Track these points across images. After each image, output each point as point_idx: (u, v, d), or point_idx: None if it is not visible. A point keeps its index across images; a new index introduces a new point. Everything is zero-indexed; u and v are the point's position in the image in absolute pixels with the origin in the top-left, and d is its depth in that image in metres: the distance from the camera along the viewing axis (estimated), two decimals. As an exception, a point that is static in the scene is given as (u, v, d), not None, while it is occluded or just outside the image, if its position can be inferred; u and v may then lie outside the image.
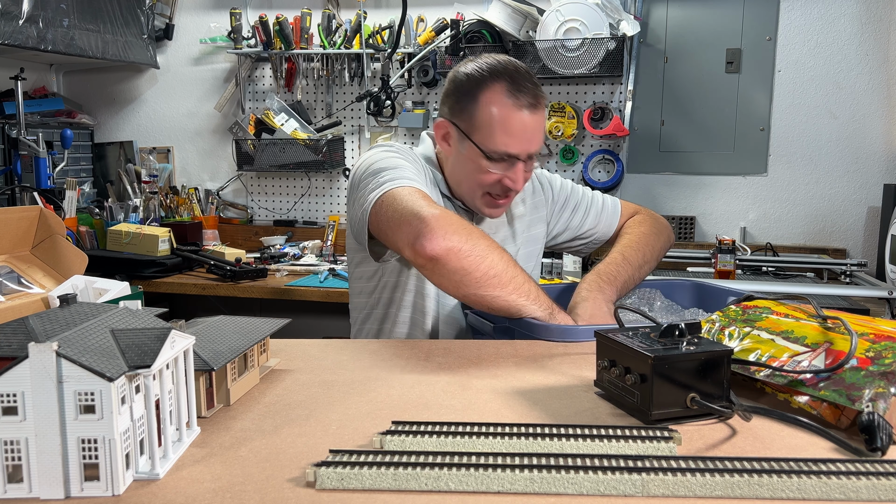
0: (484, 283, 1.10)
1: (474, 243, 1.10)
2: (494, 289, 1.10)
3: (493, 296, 1.11)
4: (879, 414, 0.65)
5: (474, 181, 1.33)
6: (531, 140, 1.30)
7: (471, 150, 1.31)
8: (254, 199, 3.18)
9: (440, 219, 1.10)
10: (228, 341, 0.79)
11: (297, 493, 0.57)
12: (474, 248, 1.09)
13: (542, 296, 1.15)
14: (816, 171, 2.64)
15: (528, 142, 1.30)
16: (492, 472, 0.57)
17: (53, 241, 1.40)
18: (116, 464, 0.55)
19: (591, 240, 1.60)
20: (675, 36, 2.70)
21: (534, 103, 1.29)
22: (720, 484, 0.57)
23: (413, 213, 1.12)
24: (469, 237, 1.10)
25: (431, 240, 1.07)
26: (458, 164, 1.35)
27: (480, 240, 1.11)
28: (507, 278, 1.11)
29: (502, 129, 1.27)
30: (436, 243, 1.07)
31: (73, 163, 3.06)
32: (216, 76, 3.17)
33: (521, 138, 1.28)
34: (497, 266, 1.10)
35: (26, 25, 2.43)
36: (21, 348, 0.55)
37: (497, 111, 1.27)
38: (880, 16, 2.52)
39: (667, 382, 0.71)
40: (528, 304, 1.12)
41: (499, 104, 1.28)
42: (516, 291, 1.11)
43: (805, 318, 0.85)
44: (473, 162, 1.31)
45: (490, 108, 1.28)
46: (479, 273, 1.09)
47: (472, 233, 1.11)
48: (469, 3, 2.78)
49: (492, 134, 1.28)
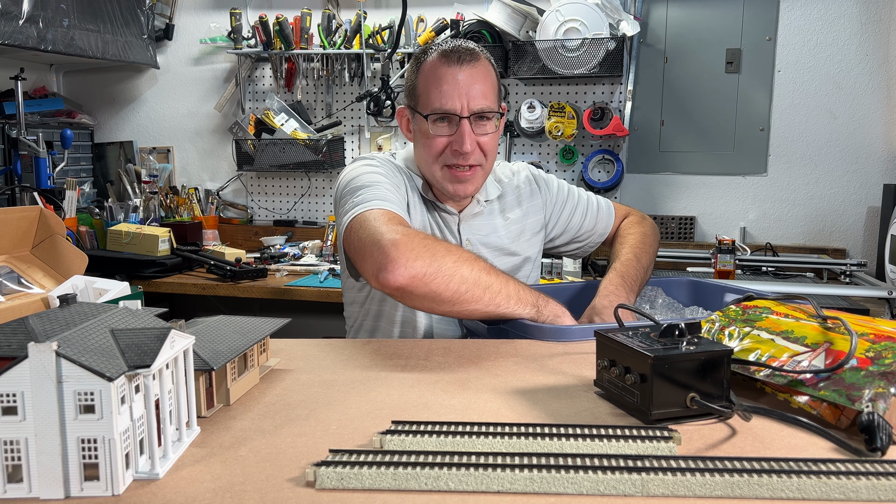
0: (458, 300, 1.10)
1: (439, 264, 1.08)
2: (469, 303, 1.10)
3: (471, 310, 1.11)
4: (879, 414, 0.65)
5: (429, 154, 1.34)
6: (468, 95, 1.30)
7: (419, 123, 1.35)
8: (254, 199, 3.18)
9: (400, 245, 1.08)
10: (228, 341, 0.79)
11: (296, 493, 0.57)
12: (440, 269, 1.08)
13: (525, 293, 1.14)
14: (816, 171, 2.64)
15: (465, 96, 1.30)
16: (492, 472, 0.57)
17: (53, 241, 1.40)
18: (116, 464, 0.55)
19: (587, 242, 1.60)
20: (674, 36, 2.70)
21: (466, 59, 1.31)
22: (720, 484, 0.57)
23: (374, 241, 1.11)
24: (433, 258, 1.08)
25: (393, 271, 1.06)
26: (416, 145, 1.39)
27: (446, 257, 1.10)
28: (481, 290, 1.10)
29: (435, 86, 1.31)
30: (398, 274, 1.06)
31: (73, 163, 3.06)
32: (216, 76, 3.17)
33: (456, 93, 1.30)
34: (468, 280, 1.09)
35: (26, 25, 2.43)
36: (21, 348, 0.55)
37: (430, 73, 1.32)
38: (880, 16, 2.52)
39: (667, 382, 0.71)
40: (509, 308, 1.12)
41: (431, 66, 1.33)
42: (494, 299, 1.11)
43: (805, 318, 0.85)
44: (423, 133, 1.34)
45: (425, 73, 1.33)
46: (449, 292, 1.09)
47: (435, 252, 1.10)
48: (469, 3, 2.78)
49: (427, 95, 1.32)
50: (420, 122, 1.34)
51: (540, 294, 1.17)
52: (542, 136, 2.73)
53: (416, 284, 1.07)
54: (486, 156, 1.35)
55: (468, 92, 1.30)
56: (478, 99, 1.31)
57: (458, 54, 1.31)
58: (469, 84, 1.30)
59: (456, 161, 1.32)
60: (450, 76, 1.30)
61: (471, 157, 1.32)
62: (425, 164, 1.37)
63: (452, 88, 1.30)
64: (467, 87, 1.30)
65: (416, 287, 1.08)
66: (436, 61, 1.32)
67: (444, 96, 1.30)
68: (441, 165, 1.34)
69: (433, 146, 1.33)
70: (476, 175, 1.36)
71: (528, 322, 1.12)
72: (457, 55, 1.31)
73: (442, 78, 1.30)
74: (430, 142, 1.33)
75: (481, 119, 1.32)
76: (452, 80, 1.30)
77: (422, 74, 1.34)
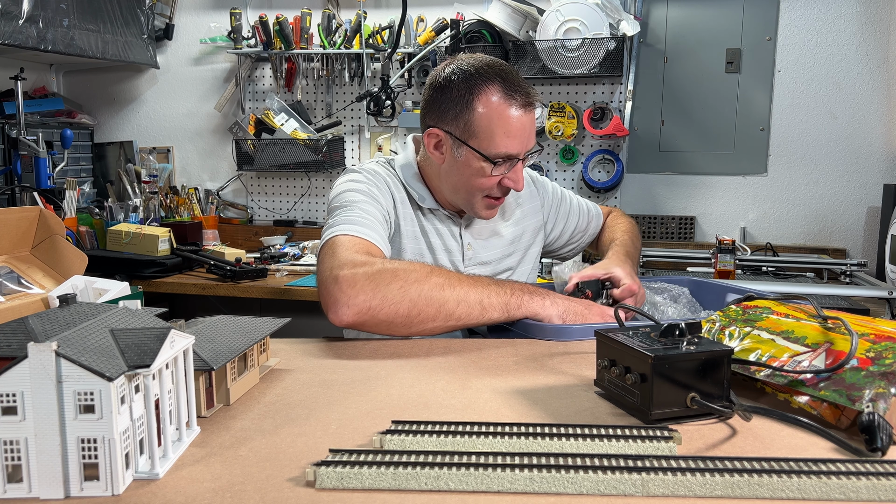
0: (414, 323, 1.10)
1: (383, 293, 1.08)
2: (425, 323, 1.10)
3: (431, 328, 1.11)
4: (879, 414, 0.65)
5: (474, 186, 1.31)
6: (529, 138, 1.31)
7: (469, 155, 1.29)
8: (254, 199, 3.18)
9: (342, 282, 1.09)
10: (228, 341, 0.79)
11: (296, 493, 0.57)
12: (385, 298, 1.08)
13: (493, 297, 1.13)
14: (816, 171, 2.64)
15: (527, 140, 1.30)
16: (492, 472, 0.57)
17: (53, 241, 1.40)
18: (116, 463, 0.55)
19: (580, 242, 1.64)
20: (675, 36, 2.70)
21: (528, 101, 1.29)
22: (720, 484, 0.56)
23: (324, 279, 1.13)
24: (375, 290, 1.08)
25: (338, 310, 1.08)
26: (453, 171, 1.33)
27: (391, 284, 1.09)
28: (434, 308, 1.10)
29: (503, 131, 1.26)
30: (343, 312, 1.08)
31: (73, 163, 3.06)
32: (216, 76, 3.17)
33: (521, 138, 1.28)
34: (417, 302, 1.09)
35: (26, 25, 2.43)
36: (21, 348, 0.55)
37: (496, 114, 1.26)
38: (880, 16, 2.52)
39: (667, 382, 0.71)
40: (472, 318, 1.12)
41: (496, 107, 1.26)
42: (453, 313, 1.11)
43: (805, 318, 0.85)
44: (472, 167, 1.29)
45: (488, 112, 1.26)
46: (400, 318, 1.09)
47: (378, 283, 1.09)
48: (469, 3, 2.78)
49: (492, 137, 1.26)
50: (471, 157, 1.29)
51: (514, 292, 1.15)
52: (542, 136, 2.73)
53: (363, 319, 1.09)
54: None
55: (530, 136, 1.30)
56: (533, 140, 1.32)
57: (523, 97, 1.27)
58: (532, 129, 1.30)
59: (499, 195, 1.33)
60: (517, 122, 1.27)
61: None
62: (464, 192, 1.33)
63: (520, 135, 1.28)
64: (530, 131, 1.30)
65: (365, 321, 1.09)
66: (502, 103, 1.26)
67: (512, 143, 1.27)
68: (483, 195, 1.33)
69: (485, 183, 1.30)
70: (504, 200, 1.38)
71: (531, 321, 1.12)
72: (522, 97, 1.27)
73: (509, 123, 1.26)
74: (482, 179, 1.30)
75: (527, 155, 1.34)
76: (520, 126, 1.27)
77: (482, 110, 1.26)
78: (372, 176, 1.36)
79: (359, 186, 1.32)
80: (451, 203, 1.39)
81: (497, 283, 1.17)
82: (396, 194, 1.37)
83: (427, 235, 1.39)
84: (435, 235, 1.40)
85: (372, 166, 1.40)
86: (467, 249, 1.41)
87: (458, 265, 1.40)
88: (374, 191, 1.32)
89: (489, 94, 1.26)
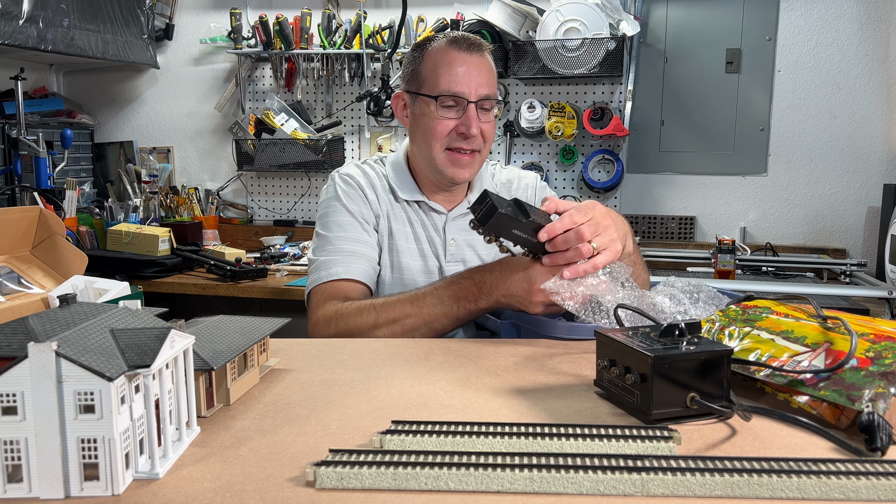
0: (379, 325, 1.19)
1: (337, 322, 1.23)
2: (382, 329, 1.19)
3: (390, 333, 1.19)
4: (879, 414, 0.65)
5: (432, 136, 1.35)
6: (478, 81, 1.34)
7: (422, 105, 1.36)
8: (254, 199, 3.18)
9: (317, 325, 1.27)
10: (228, 341, 0.79)
11: (296, 493, 0.57)
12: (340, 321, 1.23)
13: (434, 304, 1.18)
14: (816, 171, 2.64)
15: (474, 82, 1.33)
16: (491, 472, 0.57)
17: (53, 241, 1.40)
18: (116, 463, 0.55)
19: None
20: (675, 36, 2.70)
21: (475, 46, 1.35)
22: (720, 484, 0.56)
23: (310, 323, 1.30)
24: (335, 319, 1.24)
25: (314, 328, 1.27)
26: (416, 130, 1.39)
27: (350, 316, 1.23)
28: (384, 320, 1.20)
29: (446, 70, 1.33)
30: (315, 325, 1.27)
31: (73, 163, 3.06)
32: (216, 76, 3.17)
33: (466, 78, 1.33)
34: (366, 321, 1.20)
35: (26, 25, 2.43)
36: (21, 348, 0.55)
37: (439, 57, 1.34)
38: (880, 16, 2.52)
39: (667, 382, 0.71)
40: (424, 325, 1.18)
41: (440, 51, 1.35)
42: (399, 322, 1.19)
43: (805, 318, 0.85)
44: (427, 116, 1.35)
45: (433, 58, 1.35)
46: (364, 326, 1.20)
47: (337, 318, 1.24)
48: (469, 3, 2.78)
49: (436, 78, 1.33)
50: (424, 106, 1.36)
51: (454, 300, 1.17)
52: (542, 136, 2.73)
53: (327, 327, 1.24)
54: (486, 142, 1.38)
55: (477, 78, 1.33)
56: (484, 86, 1.34)
57: (466, 42, 1.35)
58: (477, 71, 1.34)
59: (459, 144, 1.35)
60: (460, 61, 1.33)
61: (475, 141, 1.35)
62: (426, 148, 1.37)
63: (465, 74, 1.33)
64: (476, 73, 1.33)
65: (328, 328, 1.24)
66: (445, 47, 1.35)
67: (455, 80, 1.32)
68: (443, 148, 1.36)
69: (438, 128, 1.34)
70: (475, 161, 1.38)
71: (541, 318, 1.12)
72: (466, 42, 1.34)
73: (453, 62, 1.33)
74: (434, 124, 1.34)
75: (485, 106, 1.35)
76: (463, 65, 1.33)
77: (428, 59, 1.36)
78: (350, 187, 1.42)
79: (336, 205, 1.40)
80: (434, 182, 1.42)
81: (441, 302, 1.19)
82: (383, 195, 1.42)
83: (414, 227, 1.43)
84: (420, 228, 1.43)
85: (351, 170, 1.45)
86: (450, 244, 1.42)
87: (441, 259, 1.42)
88: (350, 205, 1.39)
89: (437, 46, 1.36)
